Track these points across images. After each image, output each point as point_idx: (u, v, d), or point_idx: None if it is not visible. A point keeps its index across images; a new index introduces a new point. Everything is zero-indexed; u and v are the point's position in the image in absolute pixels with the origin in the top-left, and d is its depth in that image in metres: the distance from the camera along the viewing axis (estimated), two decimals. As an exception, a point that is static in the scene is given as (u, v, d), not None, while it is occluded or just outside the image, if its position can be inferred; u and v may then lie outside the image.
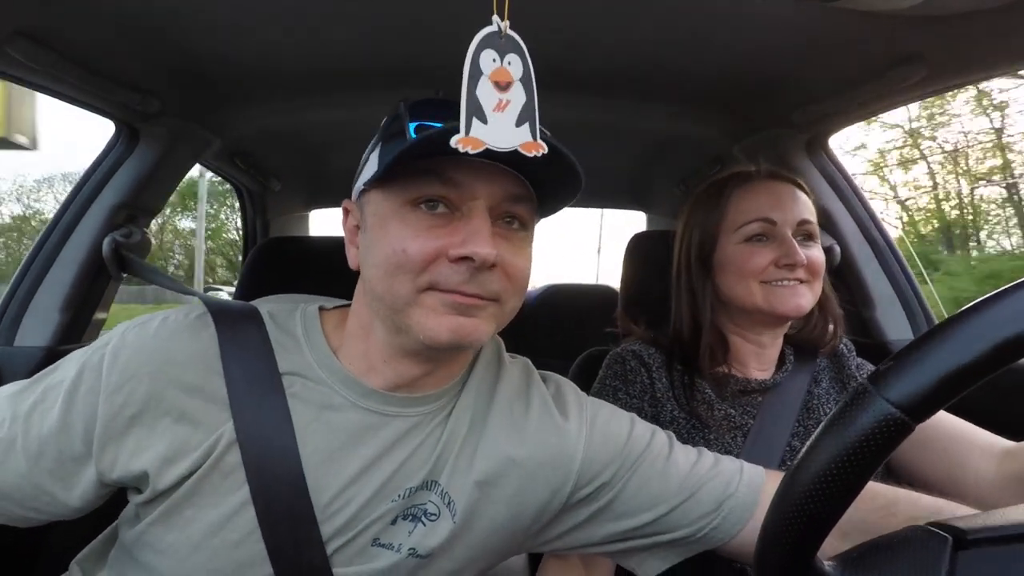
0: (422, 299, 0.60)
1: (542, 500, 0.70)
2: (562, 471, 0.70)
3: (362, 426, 0.66)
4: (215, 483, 0.62)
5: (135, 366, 0.62)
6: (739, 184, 0.97)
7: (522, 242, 0.65)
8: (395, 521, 0.66)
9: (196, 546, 0.62)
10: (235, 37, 1.04)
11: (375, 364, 0.66)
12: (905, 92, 1.10)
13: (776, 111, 1.32)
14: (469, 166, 0.59)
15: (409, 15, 1.00)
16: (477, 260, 0.57)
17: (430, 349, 0.62)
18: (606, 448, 0.71)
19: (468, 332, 0.60)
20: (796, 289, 0.89)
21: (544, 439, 0.70)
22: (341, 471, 0.64)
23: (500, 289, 0.61)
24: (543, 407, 0.73)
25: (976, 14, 0.85)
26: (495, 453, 0.69)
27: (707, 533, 0.69)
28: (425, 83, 1.27)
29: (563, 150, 0.56)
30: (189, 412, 0.62)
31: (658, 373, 0.95)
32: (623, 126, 1.58)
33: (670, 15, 0.97)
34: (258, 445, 0.62)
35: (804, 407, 0.94)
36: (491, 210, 0.61)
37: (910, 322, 1.37)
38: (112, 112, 1.20)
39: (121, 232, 1.22)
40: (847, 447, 0.38)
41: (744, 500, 0.69)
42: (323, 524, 0.63)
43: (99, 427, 0.61)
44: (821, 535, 0.40)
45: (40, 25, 0.91)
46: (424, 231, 0.59)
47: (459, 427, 0.69)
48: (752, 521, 0.67)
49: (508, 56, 0.56)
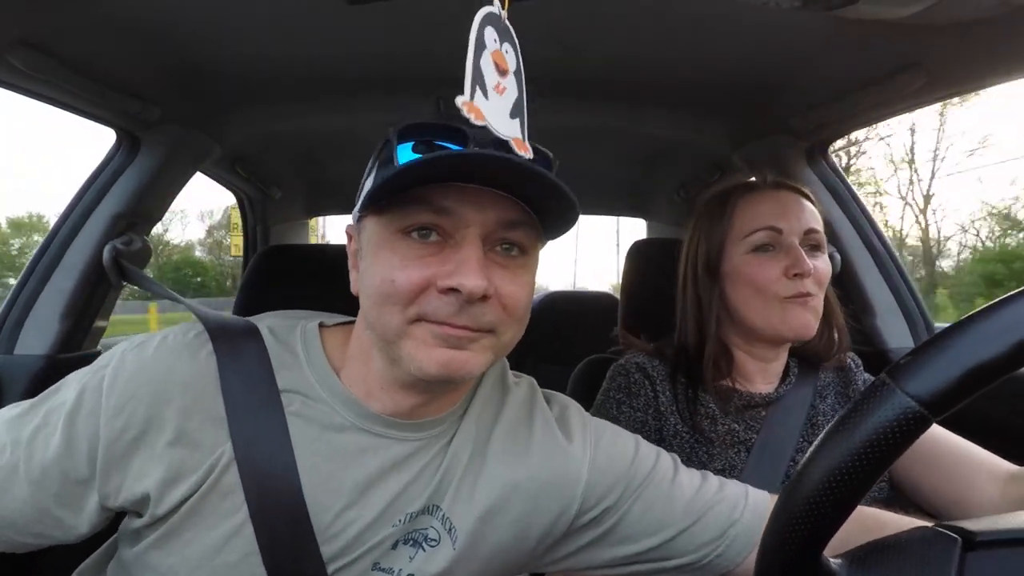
0: (412, 331, 0.58)
1: (546, 523, 0.68)
2: (567, 493, 0.68)
3: (363, 447, 0.64)
4: (214, 504, 0.61)
5: (134, 387, 0.61)
6: (744, 193, 0.96)
7: (520, 269, 0.62)
8: (395, 546, 0.65)
9: (195, 568, 0.61)
10: (236, 45, 1.04)
11: (373, 391, 0.65)
12: (905, 100, 1.10)
13: (776, 118, 1.32)
14: (461, 193, 0.57)
15: (409, 23, 1.00)
16: (464, 292, 0.55)
17: (422, 381, 0.60)
18: (611, 470, 0.70)
19: (459, 366, 0.58)
20: (807, 306, 0.88)
21: (547, 462, 0.69)
22: (341, 492, 0.63)
23: (495, 320, 0.59)
24: (546, 429, 0.72)
25: (976, 22, 0.85)
26: (498, 478, 0.67)
27: (712, 560, 0.68)
28: (425, 90, 1.27)
29: (544, 173, 0.55)
30: (188, 433, 0.61)
31: (662, 386, 0.94)
32: (623, 133, 1.58)
33: (670, 22, 0.97)
34: (257, 464, 0.61)
35: (809, 422, 0.93)
36: (486, 237, 0.59)
37: (911, 330, 1.36)
38: (113, 120, 1.20)
39: (121, 240, 1.22)
40: (865, 439, 0.37)
41: (749, 526, 0.68)
42: (323, 545, 0.62)
43: (102, 450, 0.60)
44: (831, 530, 0.39)
45: (41, 34, 0.91)
46: (413, 261, 0.58)
47: (462, 452, 0.68)
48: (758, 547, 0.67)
49: (505, 44, 0.56)
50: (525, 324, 0.65)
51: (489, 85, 0.54)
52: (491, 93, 0.54)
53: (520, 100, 0.56)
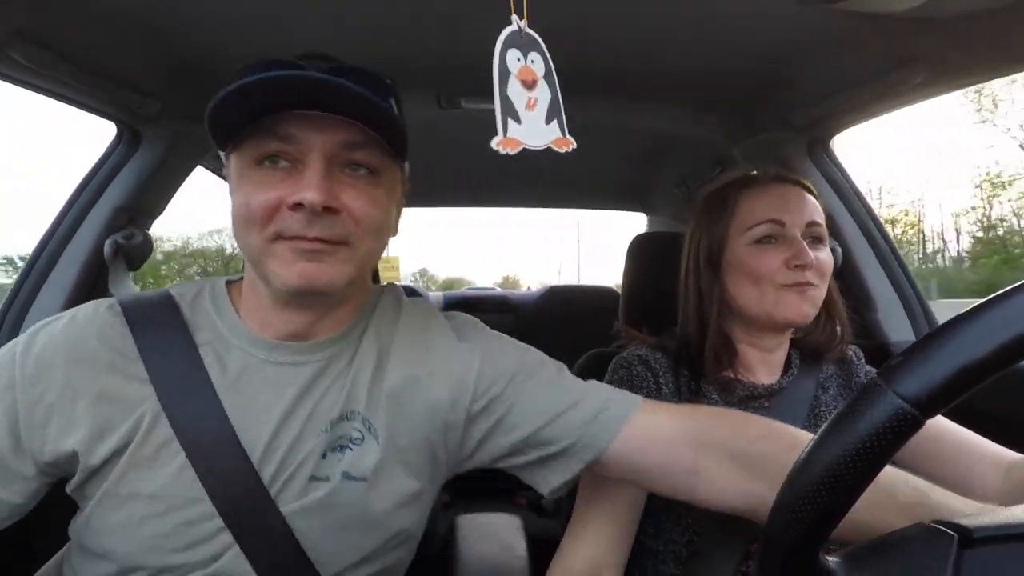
0: (273, 249, 0.65)
1: (445, 410, 0.75)
2: (462, 384, 0.76)
3: (277, 379, 0.71)
4: (149, 456, 0.66)
5: (50, 355, 0.66)
6: (747, 186, 0.97)
7: (369, 186, 0.68)
8: (325, 455, 0.71)
9: (144, 517, 0.65)
10: (236, 38, 1.04)
11: (267, 316, 0.72)
12: (905, 94, 1.10)
13: (777, 112, 1.32)
14: (304, 120, 0.64)
15: (409, 16, 1.00)
16: (308, 205, 0.62)
17: (291, 295, 0.68)
18: (500, 365, 0.77)
19: (318, 276, 0.65)
20: (804, 295, 0.89)
21: (444, 357, 0.77)
22: (267, 422, 0.69)
23: (346, 232, 0.66)
24: (442, 332, 0.80)
25: (976, 16, 0.85)
26: (401, 377, 0.75)
27: (588, 442, 0.74)
28: (425, 84, 1.27)
29: (360, 92, 0.61)
30: (109, 392, 0.66)
31: (664, 378, 0.95)
32: (623, 127, 1.58)
33: (670, 16, 0.97)
34: (186, 413, 0.67)
35: (811, 413, 0.93)
36: (332, 159, 0.65)
37: (911, 324, 1.37)
38: (113, 114, 1.20)
39: (122, 234, 1.22)
40: (856, 441, 0.38)
41: (619, 409, 0.75)
42: (262, 471, 0.68)
43: (22, 417, 0.65)
44: (826, 530, 0.40)
45: (40, 27, 0.91)
46: (265, 185, 0.64)
47: (366, 363, 0.75)
48: (627, 429, 0.74)
49: (531, 54, 0.57)
50: (383, 238, 0.73)
51: (519, 107, 0.56)
52: (523, 114, 0.56)
53: (555, 100, 0.57)
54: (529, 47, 0.57)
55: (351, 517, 0.71)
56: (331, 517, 0.70)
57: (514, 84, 0.55)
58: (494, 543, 1.22)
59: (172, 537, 0.65)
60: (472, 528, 1.29)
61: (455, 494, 2.20)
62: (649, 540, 0.90)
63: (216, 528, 0.66)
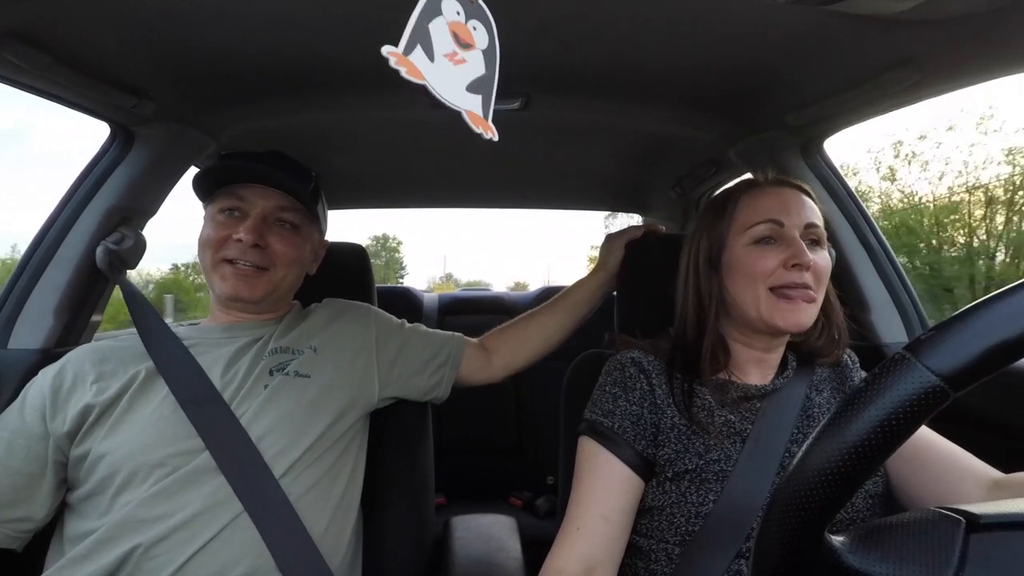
0: (219, 269, 1.03)
1: (360, 341, 1.13)
2: (367, 332, 1.15)
3: (224, 343, 1.05)
4: (145, 393, 0.94)
5: (72, 357, 0.98)
6: (747, 190, 0.98)
7: (290, 236, 1.07)
8: (272, 373, 1.00)
9: (140, 431, 0.89)
10: (230, 39, 1.04)
11: (215, 311, 1.11)
12: (899, 96, 1.10)
13: (770, 114, 1.33)
14: (254, 189, 1.04)
15: (406, 17, 1.00)
16: (243, 241, 1.00)
17: (229, 300, 1.05)
18: (388, 324, 1.20)
19: (243, 290, 1.02)
20: (799, 304, 0.89)
21: (350, 321, 1.16)
22: (221, 361, 1.01)
23: (267, 263, 1.04)
24: (347, 308, 1.19)
25: (970, 18, 0.86)
26: (321, 326, 1.12)
27: (452, 355, 1.21)
28: (417, 84, 1.26)
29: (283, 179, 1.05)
30: (110, 367, 0.97)
31: (658, 380, 0.95)
32: (617, 128, 1.58)
33: (664, 18, 0.97)
34: (171, 365, 0.96)
35: (804, 414, 0.94)
36: (267, 215, 1.04)
37: (905, 326, 1.37)
38: (107, 114, 1.20)
39: (112, 239, 1.22)
40: (883, 413, 0.37)
41: (462, 340, 1.25)
42: (224, 392, 0.95)
43: (48, 403, 0.91)
44: (837, 506, 0.40)
45: (33, 26, 0.90)
46: (223, 225, 1.03)
47: (289, 328, 1.10)
48: (468, 352, 1.23)
49: (473, 21, 0.57)
50: (298, 271, 1.12)
51: (438, 51, 0.55)
52: (439, 59, 0.56)
53: (488, 80, 0.57)
54: (474, 15, 0.57)
55: (294, 410, 0.96)
56: (277, 412, 0.95)
57: (442, 26, 0.55)
58: (489, 544, 1.22)
59: (161, 438, 0.89)
60: (466, 529, 1.29)
61: (450, 495, 2.19)
62: (641, 539, 0.90)
63: (190, 433, 0.89)
